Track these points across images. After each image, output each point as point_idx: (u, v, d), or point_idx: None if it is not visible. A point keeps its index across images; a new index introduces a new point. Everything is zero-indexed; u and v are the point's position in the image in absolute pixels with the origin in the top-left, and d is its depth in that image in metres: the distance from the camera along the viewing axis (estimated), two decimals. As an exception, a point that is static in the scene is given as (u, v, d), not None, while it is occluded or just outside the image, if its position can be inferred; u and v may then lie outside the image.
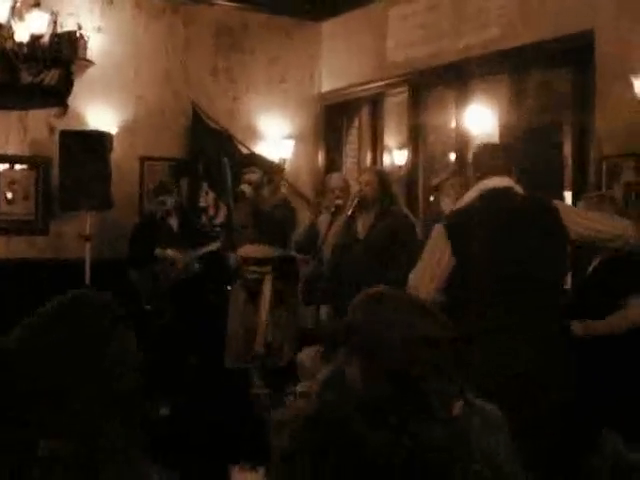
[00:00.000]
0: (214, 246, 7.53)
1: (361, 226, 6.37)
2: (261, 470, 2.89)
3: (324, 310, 6.64)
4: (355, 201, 6.31)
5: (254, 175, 7.06)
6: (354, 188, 6.66)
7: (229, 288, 7.29)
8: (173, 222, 7.64)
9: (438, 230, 3.83)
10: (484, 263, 3.71)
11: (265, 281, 7.01)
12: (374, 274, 5.87)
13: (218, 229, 8.10)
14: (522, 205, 3.91)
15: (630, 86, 6.16)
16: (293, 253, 7.18)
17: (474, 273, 3.72)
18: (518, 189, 3.93)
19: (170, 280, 7.40)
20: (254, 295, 7.05)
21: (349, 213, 6.35)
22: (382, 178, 6.42)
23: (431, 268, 3.80)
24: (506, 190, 3.89)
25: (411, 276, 3.90)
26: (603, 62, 6.49)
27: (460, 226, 3.81)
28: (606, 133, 6.49)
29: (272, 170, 7.43)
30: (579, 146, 6.80)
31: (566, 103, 6.98)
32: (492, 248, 3.72)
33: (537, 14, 7.03)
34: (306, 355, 3.89)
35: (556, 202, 4.00)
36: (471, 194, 3.91)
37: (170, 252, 7.44)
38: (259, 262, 7.03)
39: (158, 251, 7.46)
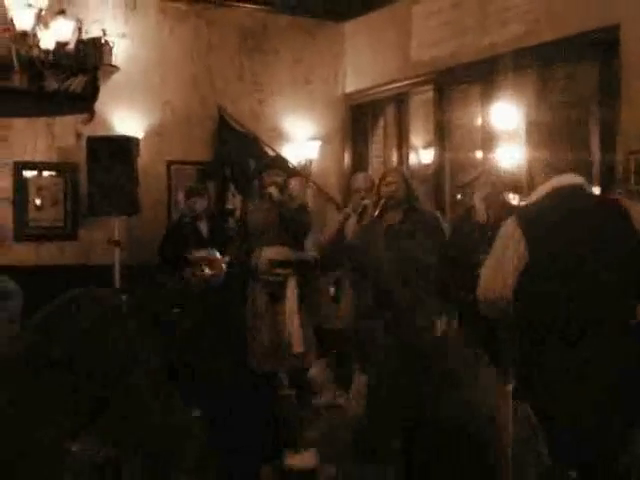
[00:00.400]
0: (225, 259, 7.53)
1: (386, 225, 6.36)
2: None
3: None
4: (382, 202, 6.30)
5: (279, 178, 7.07)
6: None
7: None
8: (203, 226, 7.68)
9: (510, 225, 3.75)
10: (557, 262, 3.65)
11: (289, 283, 7.01)
12: (402, 274, 5.87)
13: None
14: (595, 205, 3.86)
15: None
16: (311, 256, 7.20)
17: (546, 271, 3.65)
18: (589, 188, 3.89)
19: (202, 283, 7.42)
20: (276, 298, 7.06)
21: (376, 214, 6.35)
22: (405, 178, 6.42)
23: (504, 266, 3.68)
24: (578, 188, 3.85)
25: (483, 275, 3.81)
26: (629, 57, 6.45)
27: (533, 221, 3.72)
28: (633, 128, 6.45)
29: (294, 173, 7.45)
30: (606, 141, 6.75)
31: (592, 98, 6.93)
32: (565, 246, 3.66)
33: (562, 10, 6.99)
34: (316, 370, 3.86)
35: (624, 201, 3.96)
36: (542, 190, 3.79)
37: (204, 252, 7.46)
38: (282, 264, 7.03)
39: (190, 256, 7.47)
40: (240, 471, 4.74)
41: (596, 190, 6.93)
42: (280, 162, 7.58)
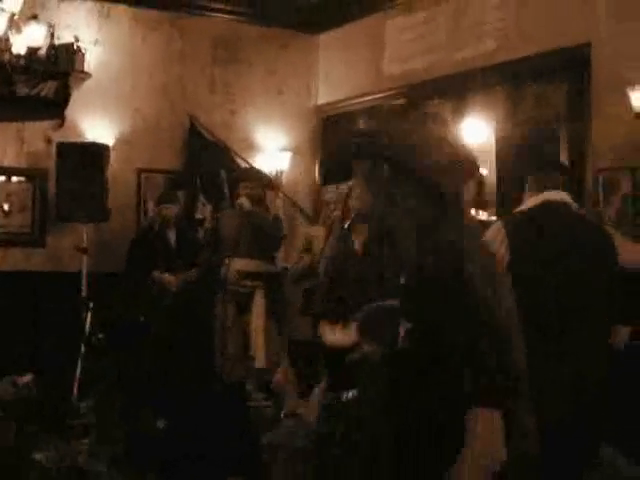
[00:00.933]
0: (194, 272, 7.51)
1: (356, 240, 6.37)
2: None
3: (322, 323, 6.64)
4: (350, 214, 6.31)
5: (253, 190, 7.07)
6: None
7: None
8: (171, 235, 7.66)
9: (495, 228, 3.84)
10: (536, 268, 3.71)
11: (256, 295, 7.01)
12: (371, 286, 5.87)
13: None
14: (580, 222, 3.98)
15: (627, 99, 6.17)
16: (280, 267, 7.21)
17: (525, 276, 3.70)
18: (575, 206, 3.99)
19: (165, 300, 7.41)
20: (244, 309, 7.05)
21: (345, 226, 6.35)
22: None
23: None
24: (567, 204, 3.94)
25: None
26: (599, 75, 6.50)
27: (519, 227, 3.83)
28: (603, 146, 6.50)
29: (268, 185, 7.45)
30: (575, 159, 6.80)
31: (562, 116, 6.99)
32: (548, 256, 3.74)
33: (534, 27, 7.05)
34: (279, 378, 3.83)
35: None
36: (532, 202, 3.93)
37: (166, 276, 7.43)
38: (251, 276, 7.03)
39: (156, 274, 7.44)
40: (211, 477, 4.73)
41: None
42: (254, 173, 7.57)
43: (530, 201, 3.95)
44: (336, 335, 2.97)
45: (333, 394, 3.02)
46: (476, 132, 7.56)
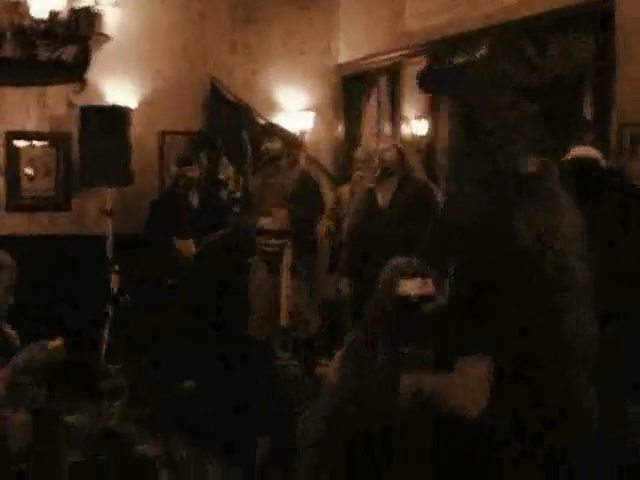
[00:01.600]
0: (215, 235, 7.47)
1: (382, 196, 6.38)
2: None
3: (345, 281, 6.68)
4: (378, 172, 6.32)
5: (274, 144, 7.05)
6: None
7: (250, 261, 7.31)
8: (193, 197, 7.62)
9: None
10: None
11: (284, 254, 7.02)
12: (397, 243, 5.89)
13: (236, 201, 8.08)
14: (608, 180, 3.96)
15: (651, 52, 6.12)
16: (312, 224, 7.19)
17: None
18: (603, 162, 3.98)
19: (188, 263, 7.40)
20: (274, 268, 7.07)
21: (370, 184, 6.37)
22: (399, 148, 6.43)
23: None
24: (594, 161, 3.93)
25: None
26: (625, 27, 6.43)
27: None
28: (628, 99, 6.44)
29: (291, 142, 7.43)
30: (601, 113, 6.75)
31: (587, 70, 6.92)
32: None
33: (556, -20, 6.97)
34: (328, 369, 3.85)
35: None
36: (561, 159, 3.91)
37: (180, 242, 7.40)
38: (277, 234, 7.03)
39: (174, 240, 7.39)
40: (240, 438, 4.76)
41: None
42: (275, 130, 7.53)
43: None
44: (414, 287, 2.98)
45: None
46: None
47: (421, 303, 3.15)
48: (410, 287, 3.25)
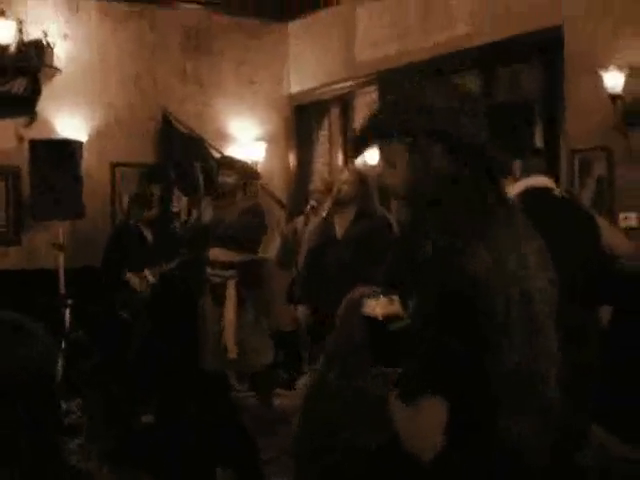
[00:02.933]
0: (168, 266, 7.45)
1: (338, 226, 6.37)
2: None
3: (301, 310, 6.65)
4: (331, 201, 6.31)
5: (230, 178, 7.03)
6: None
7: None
8: (147, 232, 7.59)
9: None
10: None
11: (229, 286, 6.99)
12: (352, 274, 5.88)
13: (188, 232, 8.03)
14: (562, 208, 4.00)
15: (600, 80, 6.20)
16: (258, 257, 7.17)
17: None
18: (557, 191, 4.01)
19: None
20: (219, 299, 7.03)
21: (324, 214, 6.36)
22: (362, 177, 6.42)
23: None
24: (549, 190, 3.97)
25: None
26: (572, 57, 6.54)
27: None
28: (576, 128, 6.54)
29: (248, 174, 7.40)
30: (550, 141, 6.83)
31: (536, 99, 7.01)
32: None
33: (505, 10, 7.06)
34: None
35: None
36: (515, 190, 3.91)
37: (129, 275, 7.36)
38: (223, 266, 7.00)
39: (128, 274, 7.37)
40: (201, 471, 4.72)
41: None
42: (231, 162, 7.49)
43: (511, 190, 3.95)
44: (380, 306, 2.96)
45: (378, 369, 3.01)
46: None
47: (388, 322, 3.15)
48: (375, 306, 3.25)
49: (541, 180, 4.01)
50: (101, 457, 4.02)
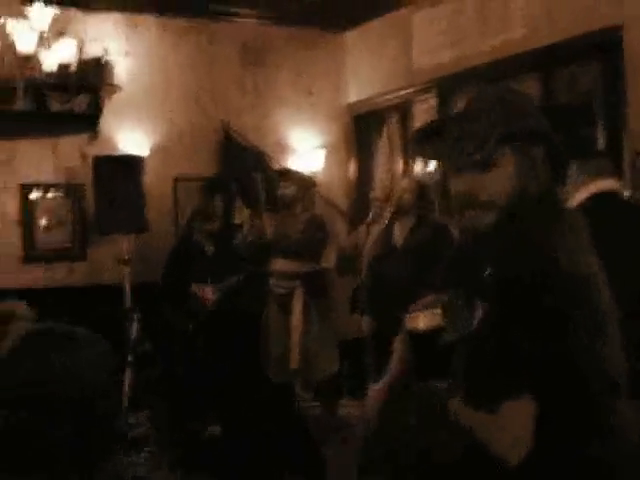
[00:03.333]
0: (235, 279, 7.45)
1: (398, 234, 6.37)
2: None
3: (365, 320, 6.66)
4: (391, 209, 6.32)
5: (289, 190, 7.07)
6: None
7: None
8: (208, 246, 7.60)
9: None
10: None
11: (295, 296, 7.01)
12: (413, 282, 5.87)
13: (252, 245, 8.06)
14: (631, 213, 3.90)
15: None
16: (322, 267, 7.18)
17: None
18: (624, 193, 3.87)
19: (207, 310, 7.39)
20: (285, 310, 7.06)
21: (385, 222, 6.36)
22: (421, 185, 6.43)
23: None
24: (615, 194, 3.86)
25: None
26: (633, 57, 6.44)
27: None
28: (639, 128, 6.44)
29: (306, 184, 7.43)
30: (613, 143, 6.73)
31: (597, 101, 6.92)
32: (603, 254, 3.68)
33: (562, 11, 6.99)
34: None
35: None
36: (581, 195, 3.81)
37: (201, 290, 7.38)
38: (288, 277, 7.04)
39: (193, 287, 7.40)
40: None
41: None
42: (289, 174, 7.53)
43: (577, 195, 3.81)
44: (422, 320, 2.91)
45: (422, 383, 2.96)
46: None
47: (433, 335, 3.11)
48: (418, 320, 3.22)
49: (608, 183, 3.89)
50: (171, 466, 4.06)
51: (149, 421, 4.84)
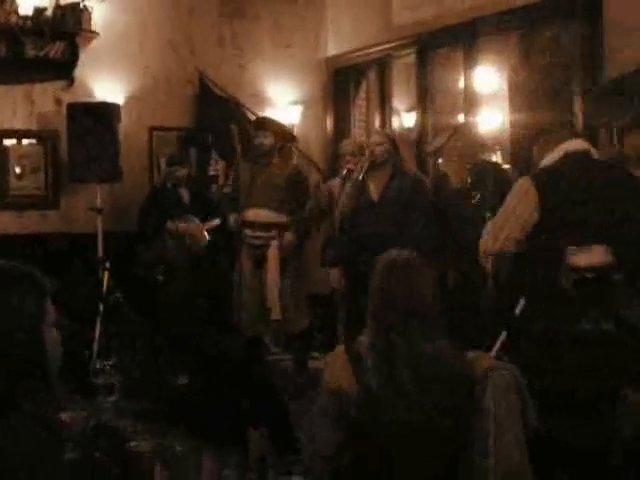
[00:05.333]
0: (216, 221, 7.54)
1: (373, 188, 6.37)
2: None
3: (334, 273, 6.65)
4: (366, 163, 6.30)
5: (266, 139, 7.04)
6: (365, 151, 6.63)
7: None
8: (184, 193, 7.70)
9: (525, 184, 3.87)
10: (569, 224, 3.79)
11: (271, 247, 6.99)
12: (388, 236, 5.88)
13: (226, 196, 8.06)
14: (604, 169, 4.04)
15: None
16: (299, 218, 7.16)
17: (557, 230, 3.80)
18: (594, 153, 4.01)
19: (190, 252, 7.44)
20: (259, 261, 7.04)
21: (360, 176, 6.35)
22: (392, 139, 6.42)
23: (513, 220, 3.88)
24: (587, 153, 3.98)
25: (489, 226, 3.98)
26: (612, 17, 6.42)
27: (548, 184, 3.87)
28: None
29: (284, 136, 7.40)
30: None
31: (576, 60, 6.90)
32: (578, 209, 3.78)
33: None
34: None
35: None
36: (555, 155, 3.96)
37: (181, 225, 7.46)
38: (265, 227, 7.01)
39: (170, 224, 7.48)
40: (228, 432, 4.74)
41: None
42: (267, 123, 7.47)
43: (551, 155, 3.96)
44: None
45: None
46: (489, 80, 7.51)
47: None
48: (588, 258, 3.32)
49: (578, 143, 4.00)
50: (135, 415, 4.07)
51: (115, 370, 4.84)
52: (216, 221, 7.57)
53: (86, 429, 3.56)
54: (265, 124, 7.30)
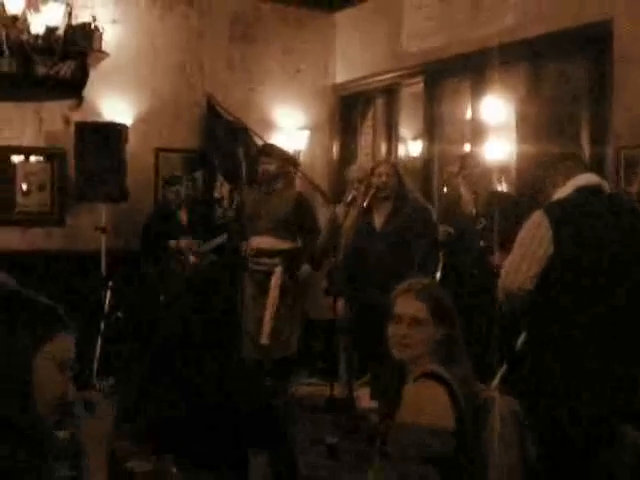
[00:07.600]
0: (221, 239, 7.56)
1: (377, 218, 6.37)
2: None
3: (341, 303, 6.65)
4: (371, 192, 6.30)
5: (271, 166, 7.05)
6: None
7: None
8: (183, 215, 7.74)
9: (537, 218, 3.82)
10: (582, 258, 3.76)
11: (275, 274, 6.99)
12: (392, 266, 5.88)
13: (230, 219, 8.08)
14: (616, 204, 4.02)
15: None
16: (301, 245, 7.17)
17: (571, 265, 3.76)
18: (606, 187, 3.99)
19: (187, 270, 7.45)
20: (263, 288, 7.03)
21: (364, 204, 6.35)
22: (398, 169, 6.44)
23: (529, 256, 3.80)
24: (599, 187, 3.95)
25: (506, 265, 3.91)
26: (621, 51, 6.45)
27: (561, 217, 3.82)
28: (624, 123, 6.45)
29: (288, 162, 7.41)
30: (596, 136, 6.75)
31: (584, 94, 6.92)
32: (591, 244, 3.76)
33: (553, 3, 6.99)
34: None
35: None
36: (566, 189, 3.91)
37: (183, 243, 7.49)
38: (268, 254, 7.02)
39: (172, 242, 7.51)
40: (230, 458, 4.73)
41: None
42: (271, 150, 7.49)
43: (564, 188, 3.92)
44: None
45: None
46: (496, 110, 7.53)
47: None
48: None
49: (589, 178, 3.98)
50: (132, 436, 4.05)
51: (115, 389, 4.84)
52: (217, 240, 7.59)
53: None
54: (270, 151, 7.31)
